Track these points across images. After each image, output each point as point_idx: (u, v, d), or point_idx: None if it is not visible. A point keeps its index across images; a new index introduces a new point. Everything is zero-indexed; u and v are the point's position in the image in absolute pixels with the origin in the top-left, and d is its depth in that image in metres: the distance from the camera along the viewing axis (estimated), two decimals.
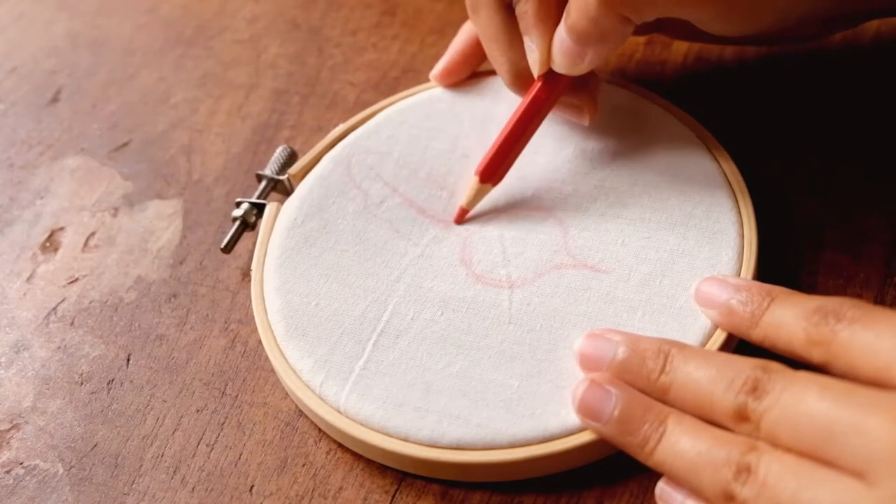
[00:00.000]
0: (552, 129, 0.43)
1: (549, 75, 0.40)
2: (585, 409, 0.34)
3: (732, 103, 0.46)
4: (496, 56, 0.41)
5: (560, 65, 0.39)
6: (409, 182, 0.43)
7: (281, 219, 0.42)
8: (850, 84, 0.46)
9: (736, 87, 0.47)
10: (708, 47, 0.48)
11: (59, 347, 0.42)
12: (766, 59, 0.48)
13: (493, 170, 0.41)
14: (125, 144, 0.50)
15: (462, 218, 0.41)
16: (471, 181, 0.41)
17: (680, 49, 0.49)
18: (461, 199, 0.41)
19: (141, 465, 0.38)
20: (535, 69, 0.40)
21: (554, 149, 0.43)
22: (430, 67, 0.46)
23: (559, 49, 0.39)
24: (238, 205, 0.44)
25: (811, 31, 0.40)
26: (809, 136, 0.44)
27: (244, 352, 0.41)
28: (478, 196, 0.41)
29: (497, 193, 0.42)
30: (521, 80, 0.41)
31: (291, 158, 0.45)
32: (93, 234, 0.47)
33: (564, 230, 0.40)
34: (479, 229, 0.41)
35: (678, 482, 0.32)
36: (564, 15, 0.38)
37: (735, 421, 0.31)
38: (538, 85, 0.40)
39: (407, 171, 0.43)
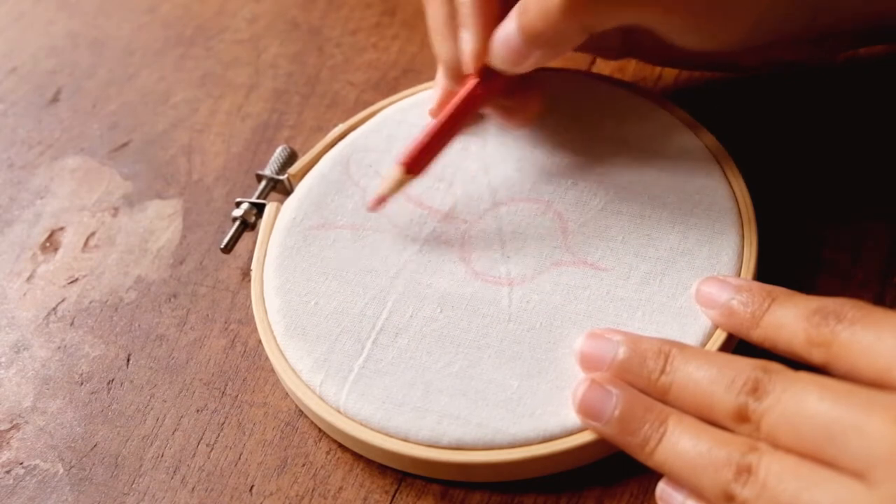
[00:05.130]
0: (550, 122, 0.43)
1: (486, 72, 0.39)
2: (586, 409, 0.34)
3: (733, 103, 0.46)
4: (437, 45, 0.40)
5: (501, 61, 0.38)
6: None
7: (281, 218, 0.42)
8: (851, 84, 0.46)
9: (736, 86, 0.47)
10: None
11: (59, 347, 0.42)
12: None
13: (418, 161, 0.40)
14: (125, 144, 0.50)
15: (377, 205, 0.40)
16: (392, 169, 0.40)
17: None
18: (382, 188, 0.40)
19: (141, 465, 0.38)
20: (469, 62, 0.39)
21: (553, 141, 0.43)
22: (431, 67, 0.46)
23: (504, 45, 0.37)
24: (238, 205, 0.44)
25: (786, 55, 0.40)
26: (810, 135, 0.44)
27: (244, 352, 0.41)
28: (398, 185, 0.40)
29: (495, 185, 0.42)
30: (458, 73, 0.40)
31: (291, 158, 0.45)
32: (93, 234, 0.47)
33: (564, 225, 0.40)
34: (477, 222, 0.41)
35: (679, 482, 0.32)
36: (516, 12, 0.37)
37: (735, 421, 0.31)
38: (473, 81, 0.39)
39: None
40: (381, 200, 0.40)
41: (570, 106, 0.44)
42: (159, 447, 0.38)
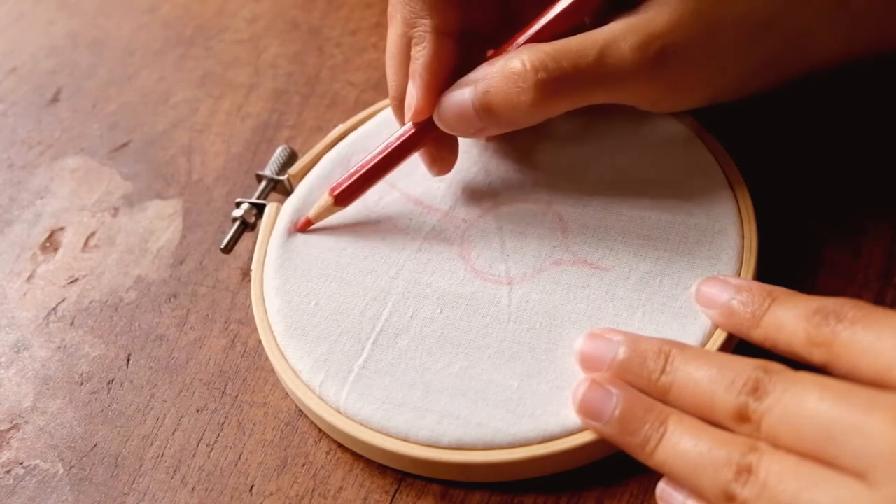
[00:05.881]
0: (551, 123, 0.43)
1: (426, 122, 0.39)
2: (586, 409, 0.34)
3: (733, 104, 0.46)
4: (388, 74, 0.41)
5: (451, 126, 0.39)
6: (408, 178, 0.43)
7: (281, 219, 0.42)
8: (851, 85, 0.46)
9: None
10: None
11: (59, 347, 0.42)
12: None
13: (348, 195, 0.41)
14: (125, 144, 0.50)
15: (305, 227, 0.42)
16: (323, 198, 0.41)
17: None
18: (311, 213, 0.42)
19: (141, 465, 0.38)
20: (408, 115, 0.39)
21: (553, 142, 0.43)
22: None
23: (455, 112, 0.38)
24: (238, 205, 0.44)
25: (759, 91, 0.41)
26: (810, 135, 0.44)
27: (244, 352, 0.41)
28: (326, 213, 0.41)
29: (495, 184, 0.42)
30: (400, 107, 0.41)
31: (291, 158, 0.45)
32: (93, 234, 0.47)
33: (564, 225, 0.40)
34: (477, 221, 0.41)
35: (679, 482, 0.32)
36: (476, 85, 0.37)
37: (736, 421, 0.31)
38: (410, 128, 0.40)
39: (405, 167, 0.43)
40: (308, 224, 0.42)
41: None
42: (159, 447, 0.38)
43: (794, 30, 0.38)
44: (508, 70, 0.36)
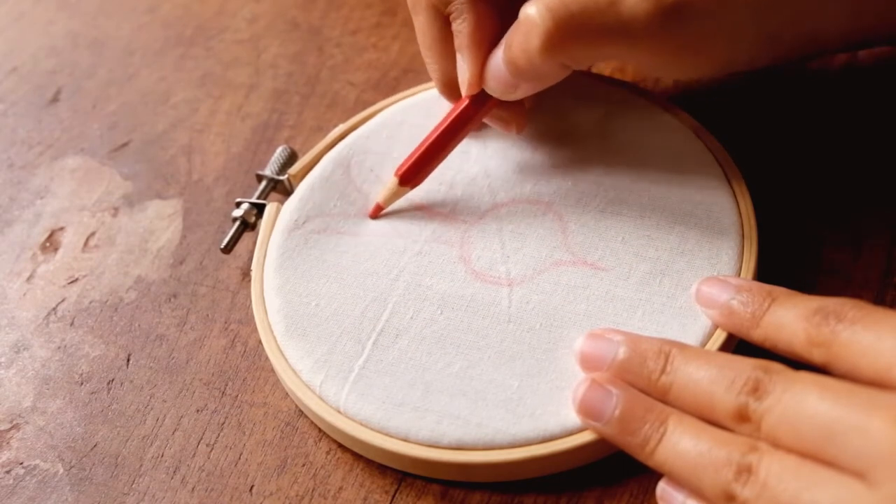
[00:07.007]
0: (551, 123, 0.43)
1: (480, 92, 0.40)
2: (586, 409, 0.34)
3: (733, 103, 0.46)
4: (429, 63, 0.41)
5: (493, 90, 0.39)
6: None
7: (281, 219, 0.42)
8: (851, 85, 0.46)
9: (737, 87, 0.47)
10: None
11: (59, 347, 0.42)
12: None
13: (413, 174, 0.41)
14: (125, 144, 0.50)
15: (377, 213, 0.42)
16: (390, 181, 0.42)
17: None
18: (379, 198, 0.42)
19: (141, 465, 0.38)
20: (464, 89, 0.40)
21: (553, 142, 0.43)
22: None
23: (494, 76, 0.39)
24: (238, 205, 0.44)
25: (765, 65, 0.41)
26: (810, 135, 0.44)
27: (244, 352, 0.41)
28: (394, 196, 0.42)
29: (495, 185, 0.42)
30: (451, 88, 0.41)
31: (291, 158, 0.45)
32: (93, 234, 0.47)
33: (564, 225, 0.40)
34: (477, 222, 0.41)
35: (679, 482, 0.32)
36: (504, 45, 0.38)
37: (736, 421, 0.31)
38: (467, 100, 0.40)
39: None
40: (379, 210, 0.42)
41: (571, 106, 0.44)
42: (159, 447, 0.38)
43: (803, 2, 0.38)
44: (523, 16, 0.37)
